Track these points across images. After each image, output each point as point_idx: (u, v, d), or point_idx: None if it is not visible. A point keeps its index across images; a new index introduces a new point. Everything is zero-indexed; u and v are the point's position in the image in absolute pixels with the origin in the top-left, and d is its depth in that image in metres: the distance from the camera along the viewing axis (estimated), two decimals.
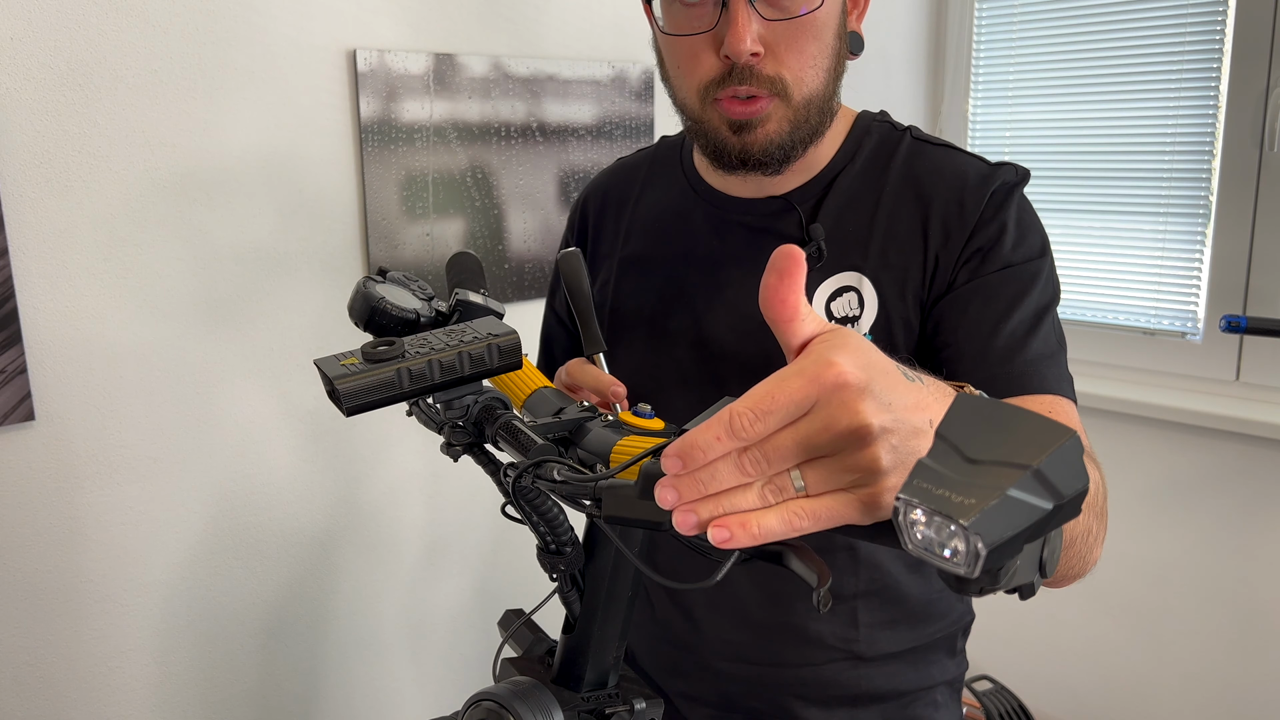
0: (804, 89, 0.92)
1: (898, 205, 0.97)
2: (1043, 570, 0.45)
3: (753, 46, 0.87)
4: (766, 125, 0.92)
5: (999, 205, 0.94)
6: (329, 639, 1.69)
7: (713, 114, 0.93)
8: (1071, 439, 0.41)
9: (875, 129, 1.02)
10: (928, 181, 0.97)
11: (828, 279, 0.96)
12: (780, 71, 0.90)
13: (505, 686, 0.74)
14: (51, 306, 1.32)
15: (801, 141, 0.94)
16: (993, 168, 0.97)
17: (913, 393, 0.52)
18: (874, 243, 0.96)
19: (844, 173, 1.00)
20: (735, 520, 0.49)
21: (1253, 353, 2.03)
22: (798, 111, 0.92)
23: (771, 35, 0.89)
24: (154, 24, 1.35)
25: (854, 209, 0.98)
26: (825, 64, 0.93)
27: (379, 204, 1.60)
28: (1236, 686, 2.08)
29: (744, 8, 0.87)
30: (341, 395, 0.69)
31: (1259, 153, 1.96)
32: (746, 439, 0.49)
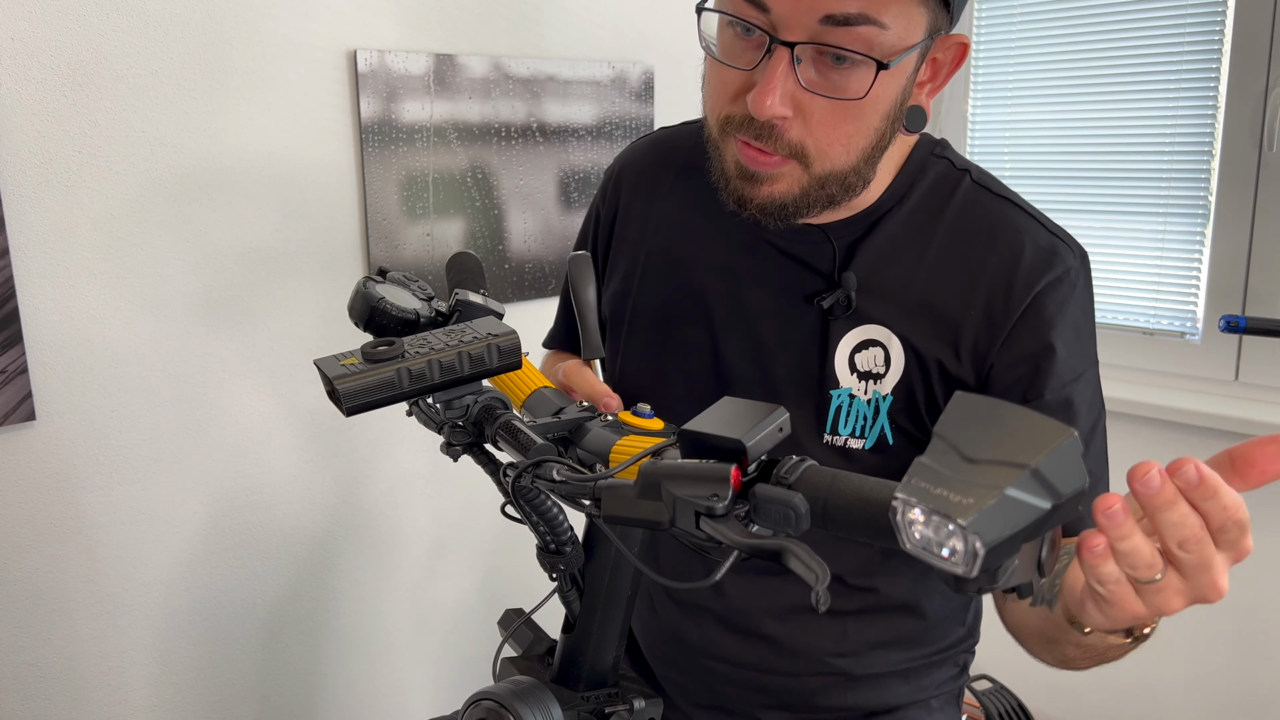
0: (827, 164, 0.83)
1: (943, 265, 0.89)
2: (1041, 569, 0.45)
3: (779, 109, 0.79)
4: (774, 184, 0.84)
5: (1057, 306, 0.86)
6: (329, 639, 1.69)
7: (728, 148, 0.86)
8: (1070, 438, 0.41)
9: (932, 166, 0.93)
10: (980, 243, 0.89)
11: (855, 329, 0.90)
12: (805, 141, 0.82)
13: (505, 686, 0.74)
14: (52, 306, 1.32)
15: (811, 207, 0.86)
16: (1052, 244, 0.88)
17: None
18: (910, 302, 0.89)
19: (891, 215, 0.91)
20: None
21: (1252, 353, 2.03)
22: (813, 181, 0.84)
23: (807, 101, 0.80)
24: (154, 24, 1.35)
25: (895, 258, 0.90)
26: (861, 144, 0.83)
27: (379, 204, 1.60)
28: (1236, 686, 2.08)
29: (784, 66, 0.78)
30: (341, 395, 0.69)
31: (1258, 153, 1.96)
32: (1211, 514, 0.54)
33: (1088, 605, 0.59)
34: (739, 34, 0.81)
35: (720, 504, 0.54)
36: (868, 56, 0.77)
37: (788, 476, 0.55)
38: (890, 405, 0.90)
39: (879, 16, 0.76)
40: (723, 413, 0.58)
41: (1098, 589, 0.55)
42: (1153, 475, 0.52)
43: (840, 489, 0.53)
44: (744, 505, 0.55)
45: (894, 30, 0.77)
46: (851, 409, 0.91)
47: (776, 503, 0.53)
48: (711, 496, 0.54)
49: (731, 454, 0.55)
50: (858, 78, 0.78)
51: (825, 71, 0.79)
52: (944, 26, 0.82)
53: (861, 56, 0.77)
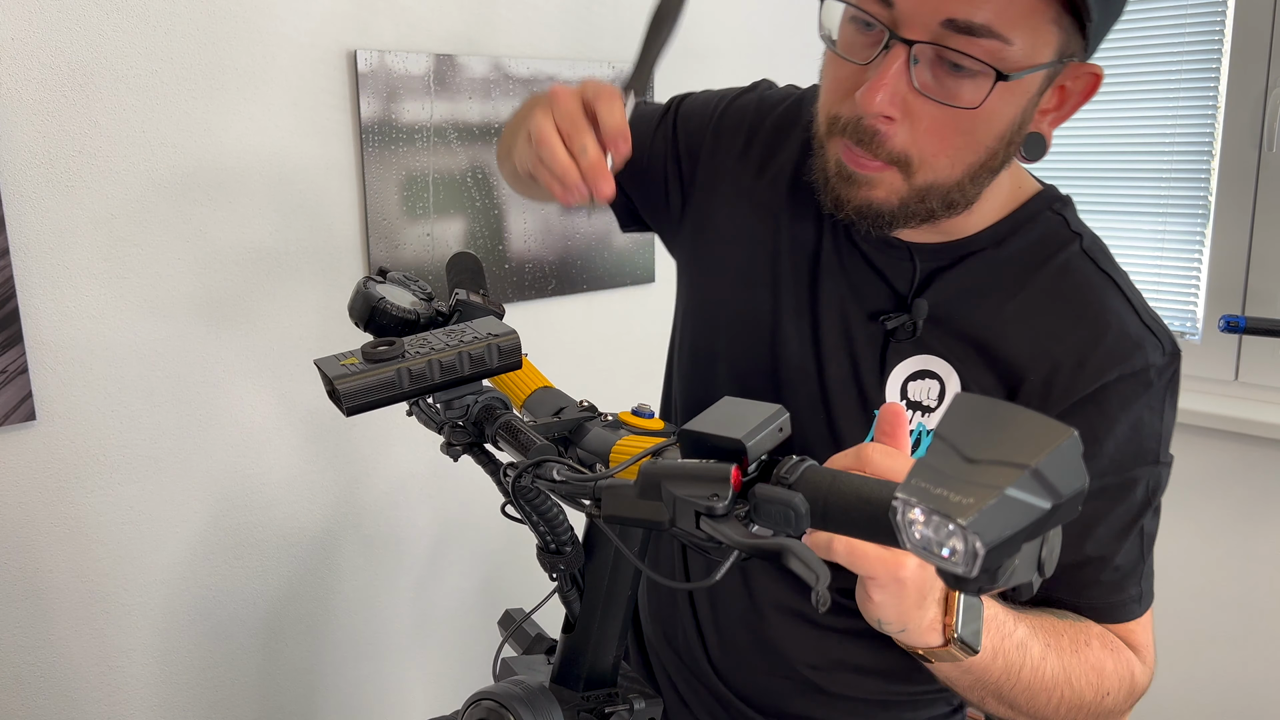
0: (929, 175, 0.79)
1: (1020, 322, 0.85)
2: (1041, 570, 0.45)
3: (886, 108, 0.75)
4: (873, 189, 0.81)
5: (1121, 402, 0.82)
6: (329, 639, 1.69)
7: (833, 148, 0.83)
8: (1070, 438, 0.41)
9: (1045, 221, 0.88)
10: (1066, 313, 0.84)
11: (915, 356, 0.87)
12: (909, 149, 0.78)
13: (505, 686, 0.74)
14: (52, 306, 1.32)
15: (909, 218, 0.82)
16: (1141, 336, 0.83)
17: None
18: (972, 353, 0.86)
19: (983, 254, 0.87)
20: None
21: (1251, 353, 2.03)
22: (913, 192, 0.80)
23: (917, 105, 0.76)
24: (154, 24, 1.35)
25: (976, 298, 0.86)
26: (969, 160, 0.79)
27: (379, 204, 1.60)
28: (1236, 686, 2.08)
29: (899, 64, 0.74)
30: (341, 395, 0.69)
31: (1258, 153, 1.96)
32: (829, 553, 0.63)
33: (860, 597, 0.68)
34: (859, 29, 0.78)
35: (720, 504, 0.54)
36: (987, 65, 0.73)
37: (788, 476, 0.55)
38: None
39: (1005, 31, 0.72)
40: (723, 412, 0.58)
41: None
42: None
43: (840, 489, 0.53)
44: (744, 505, 0.55)
45: (1020, 46, 0.73)
46: None
47: (776, 503, 0.53)
48: (711, 496, 0.54)
49: (732, 454, 0.55)
50: (973, 87, 0.75)
51: (941, 77, 0.75)
52: (1077, 53, 0.77)
53: (981, 65, 0.73)
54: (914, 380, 0.87)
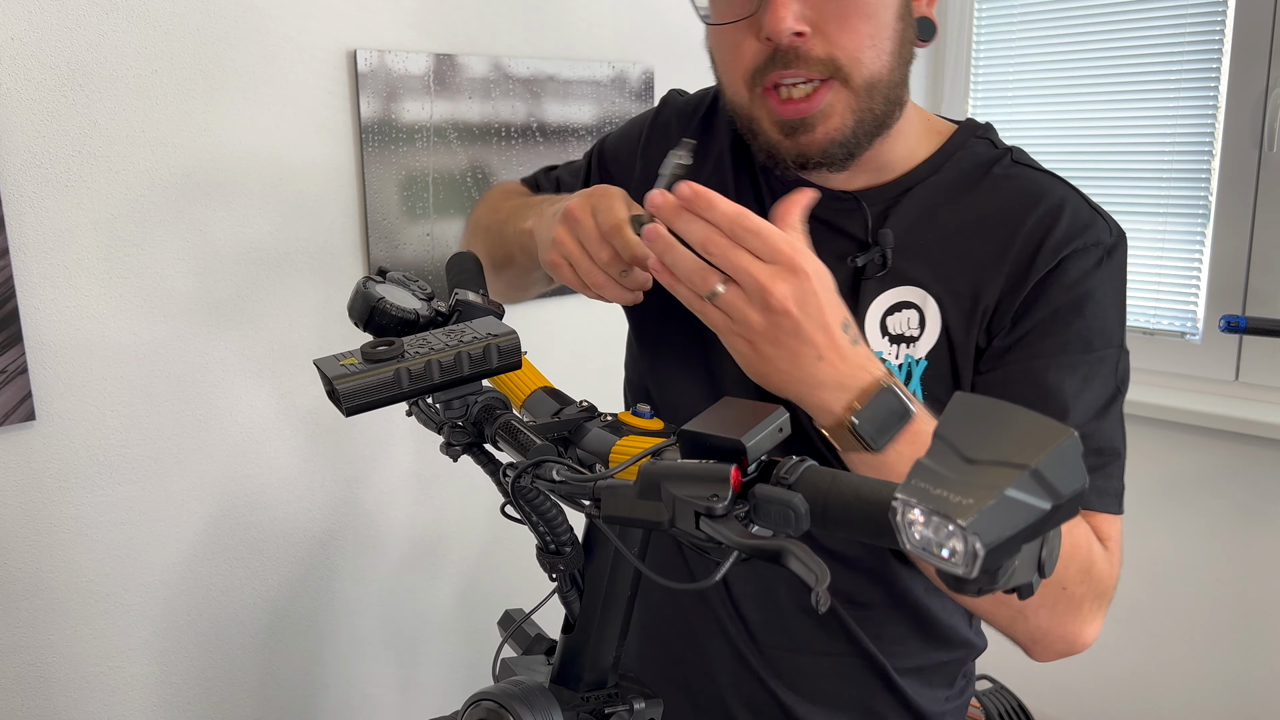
0: (863, 70, 0.83)
1: (981, 227, 0.88)
2: (1041, 570, 0.45)
3: (795, 24, 0.80)
4: (828, 121, 0.83)
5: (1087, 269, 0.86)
6: (329, 639, 1.69)
7: (763, 113, 0.85)
8: (1070, 439, 0.41)
9: (974, 145, 0.93)
10: (1019, 206, 0.88)
11: (888, 290, 0.89)
12: (832, 52, 0.82)
13: (505, 686, 0.74)
14: (52, 306, 1.32)
15: (867, 135, 0.86)
16: (1092, 217, 0.88)
17: (835, 333, 0.73)
18: (947, 263, 0.88)
19: (926, 183, 0.91)
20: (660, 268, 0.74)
21: (1252, 353, 2.03)
22: (859, 97, 0.83)
23: (817, 14, 0.81)
24: (154, 24, 1.35)
25: (929, 222, 0.90)
26: (885, 45, 0.83)
27: (379, 204, 1.60)
28: (1236, 686, 2.08)
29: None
30: (341, 395, 0.69)
31: (1258, 153, 1.96)
32: (734, 235, 0.70)
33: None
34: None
35: (720, 504, 0.54)
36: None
37: (788, 477, 0.55)
38: (924, 371, 0.89)
39: None
40: (722, 413, 0.58)
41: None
42: (654, 194, 0.72)
43: (840, 489, 0.53)
44: (744, 505, 0.55)
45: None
46: None
47: (776, 503, 0.53)
48: (711, 497, 0.54)
49: (731, 454, 0.55)
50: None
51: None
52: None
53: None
54: (892, 314, 0.89)
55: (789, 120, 0.84)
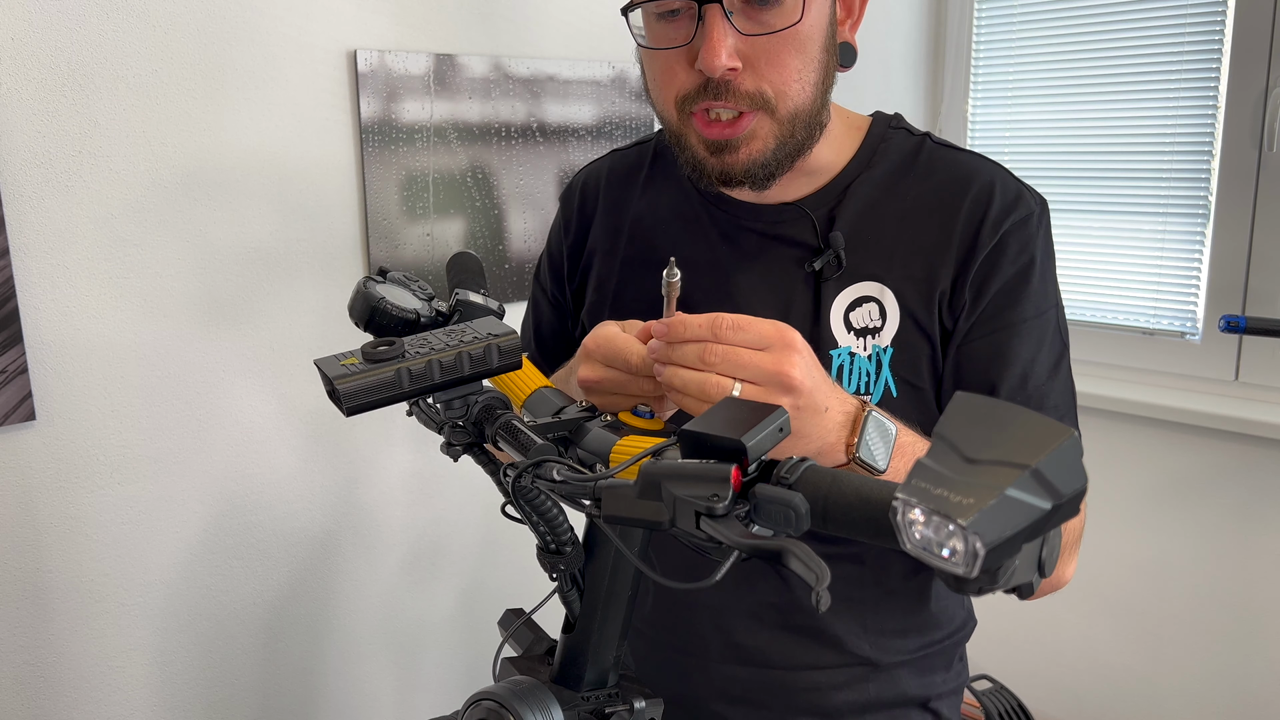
0: (789, 103, 0.88)
1: (921, 213, 0.94)
2: (1041, 570, 0.45)
3: (728, 61, 0.84)
4: (751, 144, 0.88)
5: (1026, 240, 0.93)
6: (329, 638, 1.69)
7: (690, 131, 0.90)
8: (1070, 438, 0.41)
9: (892, 136, 0.99)
10: (953, 189, 0.94)
11: (846, 288, 0.94)
12: (760, 86, 0.86)
13: (505, 686, 0.74)
14: (52, 306, 1.32)
15: (787, 158, 0.91)
16: (1019, 190, 0.95)
17: (829, 385, 0.76)
18: (897, 252, 0.94)
19: (860, 179, 0.96)
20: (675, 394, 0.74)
21: (1252, 353, 2.03)
22: (783, 126, 0.89)
23: (750, 49, 0.85)
24: (154, 24, 1.35)
25: (873, 216, 0.95)
26: (811, 77, 0.89)
27: (379, 204, 1.60)
28: (1236, 686, 2.08)
29: (719, 22, 0.84)
30: (341, 395, 0.69)
31: (1258, 153, 1.96)
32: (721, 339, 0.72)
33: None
34: (666, 20, 0.87)
35: (720, 504, 0.54)
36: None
37: (788, 476, 0.55)
38: (891, 358, 0.93)
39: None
40: (723, 413, 0.58)
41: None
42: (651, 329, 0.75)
43: (841, 489, 0.53)
44: (744, 505, 0.55)
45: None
46: (853, 367, 0.94)
47: (777, 503, 0.53)
48: (712, 497, 0.54)
49: (732, 454, 0.55)
50: (787, 10, 0.84)
51: (755, 15, 0.84)
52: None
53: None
54: (854, 309, 0.94)
55: (714, 140, 0.88)
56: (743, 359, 0.72)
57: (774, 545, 0.52)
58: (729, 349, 0.72)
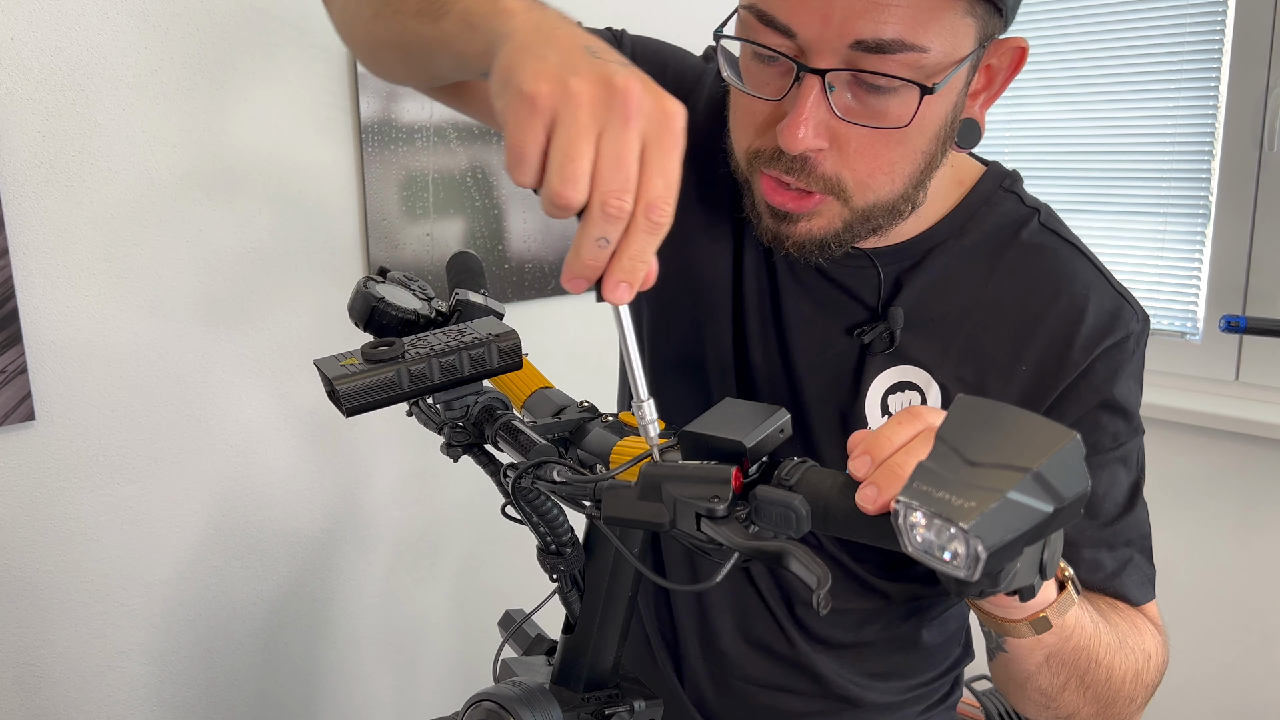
0: (869, 196, 0.75)
1: (996, 311, 0.82)
2: (1043, 572, 0.45)
3: (812, 142, 0.71)
4: (813, 221, 0.76)
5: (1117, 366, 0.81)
6: (329, 639, 1.69)
7: (756, 185, 0.79)
8: (1073, 441, 0.40)
9: (998, 201, 0.85)
10: (1042, 294, 0.81)
11: (892, 368, 0.83)
12: (840, 173, 0.74)
13: (505, 687, 0.74)
14: (51, 306, 1.32)
15: (854, 238, 0.79)
16: (1117, 305, 0.82)
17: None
18: (955, 346, 0.82)
19: (946, 246, 0.83)
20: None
21: (1252, 353, 2.03)
22: (855, 215, 0.76)
23: (843, 130, 0.72)
24: (154, 24, 1.35)
25: (944, 297, 0.83)
26: (907, 171, 0.75)
27: (379, 204, 1.60)
28: (1236, 686, 2.08)
29: (815, 94, 0.70)
30: (341, 396, 0.69)
31: (1258, 153, 1.96)
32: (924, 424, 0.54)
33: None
34: (764, 62, 0.73)
35: (721, 506, 0.54)
36: (909, 81, 0.69)
37: (789, 478, 0.55)
38: None
39: (919, 40, 0.67)
40: (724, 414, 0.58)
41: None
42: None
43: (842, 491, 0.53)
44: (745, 507, 0.55)
45: (938, 50, 0.68)
46: None
47: (777, 504, 0.53)
48: (712, 498, 0.54)
49: (732, 455, 0.55)
50: (899, 103, 0.70)
51: (862, 97, 0.71)
52: (997, 31, 0.73)
53: (902, 82, 0.69)
54: (894, 393, 0.84)
55: (776, 208, 0.77)
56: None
57: (775, 547, 0.51)
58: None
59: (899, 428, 0.55)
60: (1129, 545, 0.84)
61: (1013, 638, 0.71)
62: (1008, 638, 0.72)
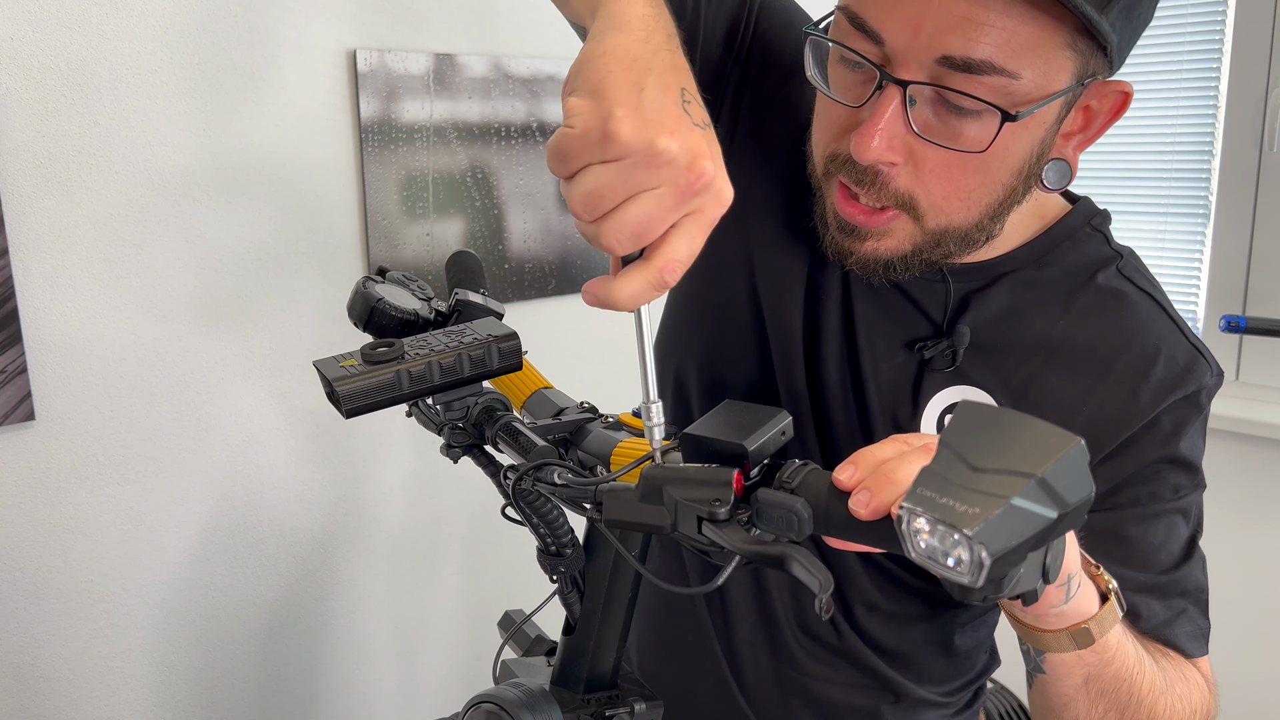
0: (942, 220, 0.73)
1: (1064, 351, 0.79)
2: (1045, 576, 0.45)
3: (885, 155, 0.69)
4: (881, 240, 0.75)
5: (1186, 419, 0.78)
6: (329, 639, 1.68)
7: (829, 192, 0.77)
8: (1076, 446, 0.40)
9: (1083, 239, 0.82)
10: (1114, 340, 0.79)
11: (951, 387, 0.81)
12: (914, 191, 0.72)
13: (506, 688, 0.74)
14: (51, 306, 1.32)
15: (922, 265, 0.77)
16: (1191, 359, 0.79)
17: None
18: (1018, 378, 0.80)
19: (1019, 275, 0.81)
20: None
21: (1252, 353, 2.03)
22: (927, 237, 0.74)
23: (920, 147, 0.70)
24: (154, 24, 1.35)
25: (1017, 325, 0.80)
26: (985, 200, 0.73)
27: (379, 204, 1.60)
28: (1236, 686, 2.08)
29: (895, 106, 0.68)
30: (341, 397, 0.69)
31: (1259, 153, 1.96)
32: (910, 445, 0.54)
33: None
34: (850, 67, 0.72)
35: (722, 509, 0.53)
36: (992, 106, 0.67)
37: (790, 481, 0.55)
38: None
39: (1010, 65, 0.65)
40: (725, 416, 0.58)
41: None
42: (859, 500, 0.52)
43: (844, 494, 0.53)
44: (746, 510, 0.55)
45: (1029, 79, 0.66)
46: None
47: (779, 507, 0.53)
48: (714, 501, 0.54)
49: (734, 458, 0.55)
50: (979, 127, 0.68)
51: (943, 116, 0.69)
52: (1100, 71, 0.70)
53: (984, 105, 0.67)
54: (950, 413, 0.81)
55: (845, 220, 0.75)
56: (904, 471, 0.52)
57: (776, 550, 0.51)
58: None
59: (886, 445, 0.55)
60: (1183, 597, 0.81)
61: (1053, 652, 0.69)
62: (1047, 655, 0.70)
